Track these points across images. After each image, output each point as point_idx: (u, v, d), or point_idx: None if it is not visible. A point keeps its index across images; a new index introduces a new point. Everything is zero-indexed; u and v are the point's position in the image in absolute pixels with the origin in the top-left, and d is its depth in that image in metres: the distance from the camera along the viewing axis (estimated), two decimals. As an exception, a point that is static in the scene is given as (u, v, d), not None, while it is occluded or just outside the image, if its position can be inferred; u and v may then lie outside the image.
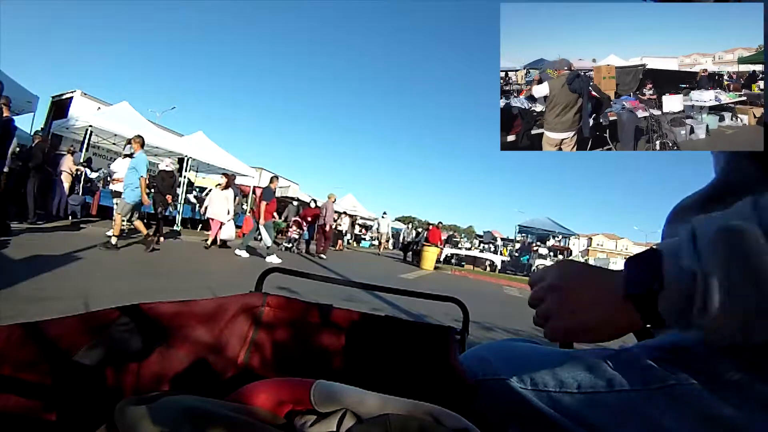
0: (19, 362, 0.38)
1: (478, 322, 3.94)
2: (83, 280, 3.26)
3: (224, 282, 4.27)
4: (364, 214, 19.34)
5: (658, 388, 0.41)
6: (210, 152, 10.13)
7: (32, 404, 0.38)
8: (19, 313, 2.11)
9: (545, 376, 0.48)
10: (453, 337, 0.64)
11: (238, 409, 0.34)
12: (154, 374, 0.50)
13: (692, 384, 0.39)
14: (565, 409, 0.45)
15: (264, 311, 0.67)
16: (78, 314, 0.45)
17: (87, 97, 10.14)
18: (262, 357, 0.63)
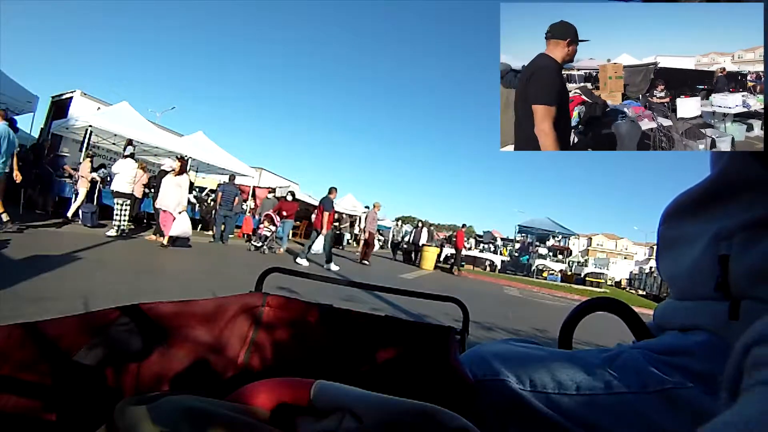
0: (19, 362, 0.38)
1: (478, 322, 3.95)
2: (83, 280, 3.26)
3: (225, 282, 4.27)
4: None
5: (656, 391, 0.41)
6: (210, 152, 10.12)
7: (32, 404, 0.38)
8: (19, 313, 2.11)
9: (544, 377, 0.48)
10: (453, 337, 0.64)
11: (238, 409, 0.35)
12: (154, 374, 0.50)
13: (690, 387, 0.39)
14: (564, 410, 0.45)
15: (264, 311, 0.67)
16: (78, 314, 0.45)
17: (87, 97, 10.13)
18: (262, 357, 0.63)
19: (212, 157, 10.10)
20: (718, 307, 0.40)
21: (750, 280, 0.38)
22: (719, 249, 0.41)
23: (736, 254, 0.39)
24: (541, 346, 0.56)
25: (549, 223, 19.61)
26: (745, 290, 0.38)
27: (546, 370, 0.48)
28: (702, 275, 0.43)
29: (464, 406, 0.39)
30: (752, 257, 0.38)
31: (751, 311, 0.37)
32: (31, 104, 9.01)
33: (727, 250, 0.40)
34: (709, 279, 0.41)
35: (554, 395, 0.46)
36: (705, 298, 0.42)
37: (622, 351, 0.47)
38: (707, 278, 0.42)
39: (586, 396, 0.44)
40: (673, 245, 0.49)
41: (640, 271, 31.79)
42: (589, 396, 0.44)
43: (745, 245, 0.39)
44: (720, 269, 0.40)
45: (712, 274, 0.41)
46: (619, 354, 0.47)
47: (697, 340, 0.41)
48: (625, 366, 0.44)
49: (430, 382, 0.55)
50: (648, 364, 0.43)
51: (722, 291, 0.40)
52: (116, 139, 8.82)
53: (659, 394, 0.40)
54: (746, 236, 0.39)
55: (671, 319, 0.48)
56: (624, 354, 0.46)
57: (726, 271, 0.40)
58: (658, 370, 0.42)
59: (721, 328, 0.39)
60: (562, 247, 20.38)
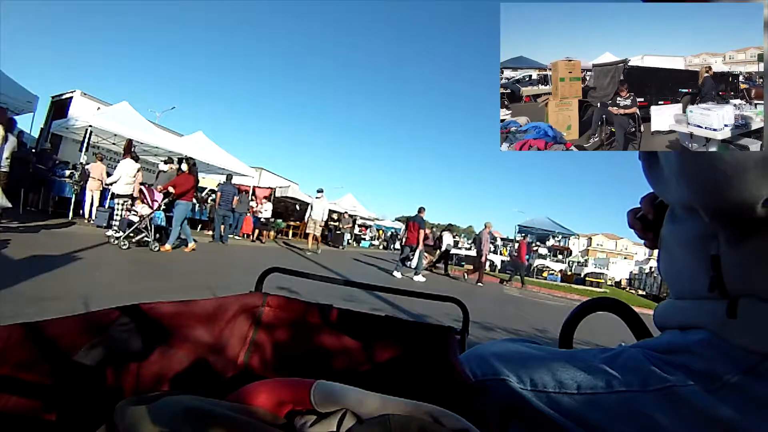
0: (19, 362, 0.38)
1: (478, 322, 3.94)
2: (83, 280, 3.26)
3: (225, 281, 4.27)
4: (364, 214, 19.34)
5: (656, 389, 0.41)
6: (210, 152, 10.12)
7: (32, 404, 0.38)
8: (19, 313, 2.11)
9: (545, 376, 0.48)
10: (453, 337, 0.64)
11: (238, 409, 0.34)
12: (154, 374, 0.50)
13: (691, 385, 0.39)
14: (565, 409, 0.45)
15: (264, 311, 0.67)
16: (78, 314, 0.45)
17: (87, 97, 10.14)
18: (262, 357, 0.63)
19: (212, 157, 10.10)
20: (716, 306, 0.40)
21: (743, 277, 0.38)
22: (710, 249, 0.41)
23: (725, 253, 0.39)
24: (541, 346, 0.56)
25: (549, 223, 19.60)
26: (740, 288, 0.39)
27: (546, 369, 0.48)
28: (698, 275, 0.43)
29: (464, 406, 0.39)
30: (740, 255, 0.38)
31: (749, 309, 0.37)
32: (31, 104, 9.01)
33: (716, 249, 0.40)
34: (705, 278, 0.41)
35: (555, 394, 0.46)
36: (703, 298, 0.42)
37: (622, 350, 0.47)
38: (703, 278, 0.42)
39: (587, 395, 0.44)
40: (670, 245, 0.49)
41: (640, 271, 31.78)
42: (590, 395, 0.44)
43: (731, 244, 0.39)
44: (713, 269, 0.40)
45: (706, 274, 0.41)
46: (620, 353, 0.47)
47: (697, 339, 0.42)
48: (626, 365, 0.44)
49: (430, 382, 0.55)
50: (648, 362, 0.43)
51: (719, 289, 0.40)
52: (116, 139, 8.81)
53: (660, 393, 0.40)
54: (730, 234, 0.39)
55: (671, 318, 0.48)
56: (624, 353, 0.46)
57: (719, 271, 0.40)
58: (658, 368, 0.42)
59: (719, 326, 0.40)
60: (562, 247, 20.39)
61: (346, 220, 15.60)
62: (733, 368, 0.37)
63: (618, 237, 54.98)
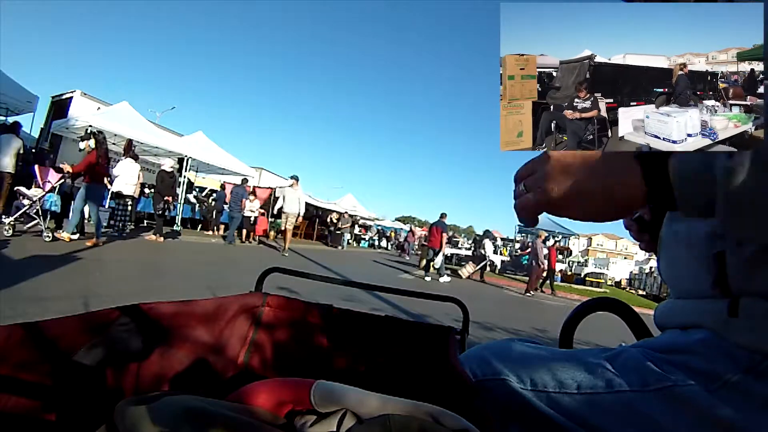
0: (19, 362, 0.38)
1: (478, 322, 3.94)
2: (83, 280, 3.26)
3: (225, 281, 4.27)
4: (364, 214, 19.34)
5: (657, 389, 0.41)
6: (210, 152, 10.12)
7: (32, 404, 0.38)
8: (19, 313, 2.11)
9: (545, 376, 0.48)
10: (453, 337, 0.64)
11: (238, 409, 0.34)
12: (154, 374, 0.50)
13: (691, 385, 0.39)
14: (565, 409, 0.45)
15: (264, 311, 0.67)
16: (78, 314, 0.45)
17: (87, 97, 10.12)
18: (262, 357, 0.63)
19: (212, 157, 10.10)
20: (717, 305, 0.40)
21: (747, 275, 0.38)
22: (714, 246, 0.41)
23: (732, 250, 0.39)
24: (541, 346, 0.56)
25: (549, 223, 19.59)
26: (743, 287, 0.39)
27: (547, 369, 0.48)
28: (699, 274, 0.43)
29: (464, 406, 0.39)
30: (747, 252, 0.38)
31: (751, 308, 0.37)
32: (31, 104, 9.01)
33: (722, 247, 0.40)
34: (707, 277, 0.41)
35: (555, 394, 0.46)
36: (704, 297, 0.42)
37: (622, 350, 0.47)
38: (705, 276, 0.42)
39: (587, 395, 0.44)
40: (671, 245, 0.49)
41: (640, 271, 31.79)
42: (590, 395, 0.44)
43: (739, 242, 0.39)
44: (716, 267, 0.40)
45: (709, 272, 0.41)
46: (620, 353, 0.47)
47: (698, 338, 0.41)
48: (626, 364, 0.44)
49: (430, 382, 0.55)
50: (649, 362, 0.43)
51: (720, 288, 0.40)
52: (116, 139, 8.81)
53: (660, 392, 0.40)
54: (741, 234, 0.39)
55: (671, 318, 0.48)
56: (625, 353, 0.46)
57: (723, 269, 0.40)
58: (659, 368, 0.42)
59: (721, 325, 0.40)
60: (562, 247, 20.36)
61: (345, 220, 15.59)
62: (733, 368, 0.37)
63: (618, 237, 54.96)
